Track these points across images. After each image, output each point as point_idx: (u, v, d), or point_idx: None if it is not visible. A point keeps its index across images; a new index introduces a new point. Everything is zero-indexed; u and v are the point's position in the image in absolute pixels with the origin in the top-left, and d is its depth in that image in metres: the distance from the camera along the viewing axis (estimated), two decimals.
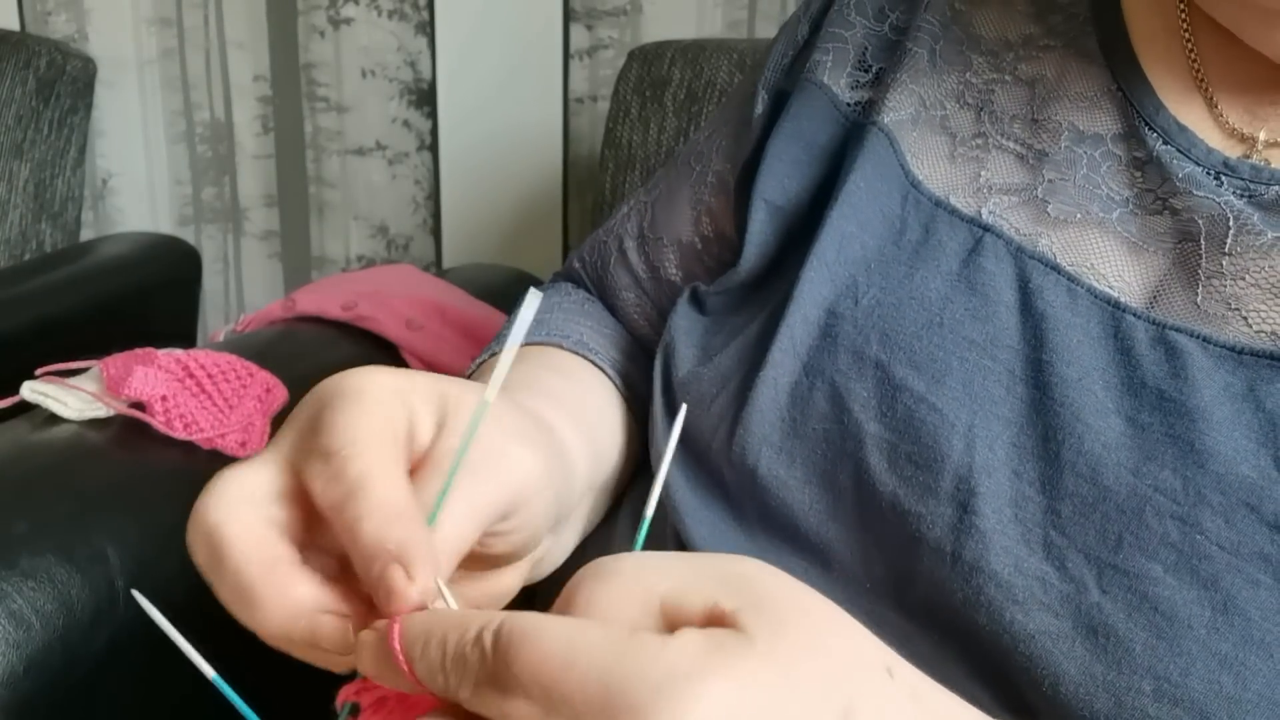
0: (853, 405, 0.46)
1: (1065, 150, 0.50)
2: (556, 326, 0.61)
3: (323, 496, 0.34)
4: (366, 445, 0.34)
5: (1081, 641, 0.40)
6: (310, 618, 0.33)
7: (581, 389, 0.56)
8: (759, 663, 0.26)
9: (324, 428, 0.35)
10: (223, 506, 0.34)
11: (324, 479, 0.34)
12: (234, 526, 0.34)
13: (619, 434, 0.57)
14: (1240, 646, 0.39)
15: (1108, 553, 0.41)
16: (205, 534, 0.34)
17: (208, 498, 0.35)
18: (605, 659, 0.26)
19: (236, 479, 0.35)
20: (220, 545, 0.33)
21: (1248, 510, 0.40)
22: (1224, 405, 0.42)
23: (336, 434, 0.34)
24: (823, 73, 0.56)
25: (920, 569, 0.44)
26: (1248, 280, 0.44)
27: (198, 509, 0.34)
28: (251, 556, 0.33)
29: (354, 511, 0.33)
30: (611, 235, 0.66)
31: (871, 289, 0.48)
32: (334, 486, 0.33)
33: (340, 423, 0.35)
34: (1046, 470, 0.43)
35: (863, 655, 0.29)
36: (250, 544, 0.34)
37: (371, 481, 0.33)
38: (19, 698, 0.58)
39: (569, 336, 0.60)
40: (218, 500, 0.34)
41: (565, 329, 0.61)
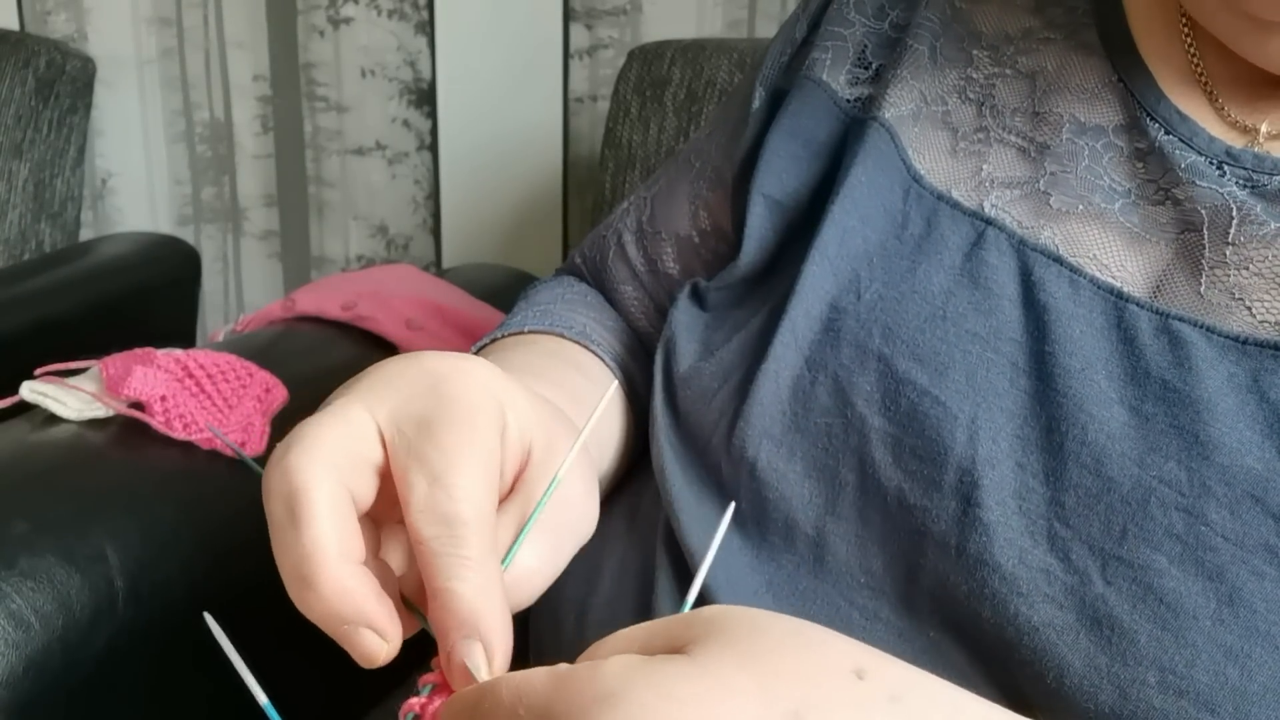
0: (856, 399, 0.46)
1: (1067, 142, 0.50)
2: (559, 316, 0.61)
3: (420, 524, 0.33)
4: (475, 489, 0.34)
5: (1086, 633, 0.40)
6: (353, 627, 0.33)
7: (584, 378, 0.56)
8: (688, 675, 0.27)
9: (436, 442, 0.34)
10: (311, 467, 0.33)
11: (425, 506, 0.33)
12: (321, 496, 0.33)
13: (617, 426, 0.57)
14: (1245, 638, 0.39)
15: (1112, 544, 0.41)
16: (289, 492, 0.33)
17: (298, 452, 0.34)
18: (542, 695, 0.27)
19: (329, 437, 0.34)
20: (301, 511, 0.33)
21: (1253, 502, 0.40)
22: (1228, 396, 0.42)
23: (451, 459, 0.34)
24: (821, 70, 0.56)
25: (924, 563, 0.44)
26: (1251, 270, 0.44)
27: (285, 458, 0.33)
28: (328, 539, 0.33)
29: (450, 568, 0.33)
30: (611, 230, 0.67)
31: (874, 283, 0.48)
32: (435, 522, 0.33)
33: (454, 443, 0.34)
34: (1050, 462, 0.43)
35: (824, 661, 0.28)
36: (331, 523, 0.33)
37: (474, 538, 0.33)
38: (19, 698, 0.58)
39: (571, 327, 0.60)
40: (308, 457, 0.33)
41: (568, 319, 0.61)
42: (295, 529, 0.33)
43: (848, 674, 0.28)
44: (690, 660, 0.27)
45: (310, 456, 0.33)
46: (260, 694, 0.31)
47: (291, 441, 0.34)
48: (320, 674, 0.78)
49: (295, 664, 0.77)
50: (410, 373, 0.36)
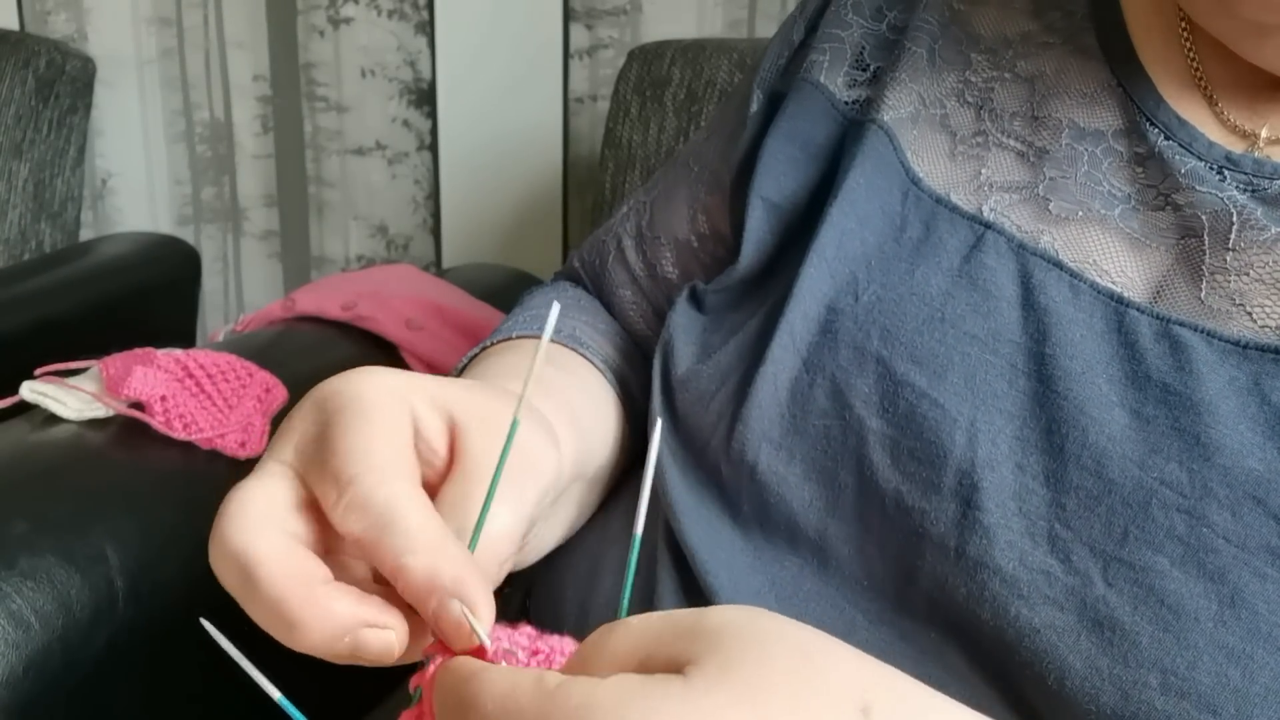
0: (854, 401, 0.46)
1: (1066, 147, 0.50)
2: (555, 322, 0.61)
3: (347, 525, 0.33)
4: (384, 471, 0.33)
5: (1087, 635, 0.40)
6: (353, 634, 0.33)
7: (570, 379, 0.56)
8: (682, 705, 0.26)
9: (332, 448, 0.34)
10: (246, 527, 0.33)
11: (343, 507, 0.33)
12: (262, 547, 0.33)
13: (610, 426, 0.57)
14: (1247, 639, 0.39)
15: (1113, 546, 0.41)
16: (233, 557, 0.33)
17: (227, 520, 0.34)
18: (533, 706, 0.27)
19: (251, 497, 0.34)
20: (251, 568, 0.33)
21: (1254, 503, 0.40)
22: (1229, 399, 0.42)
23: (348, 457, 0.34)
24: (819, 72, 0.56)
25: (923, 565, 0.44)
26: (1251, 275, 0.44)
27: (219, 532, 0.34)
28: (286, 577, 0.33)
29: (393, 547, 0.32)
30: (610, 234, 0.67)
31: (872, 285, 0.48)
32: (358, 517, 0.33)
33: (348, 444, 0.34)
34: (1050, 464, 0.43)
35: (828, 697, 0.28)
36: (282, 564, 0.33)
37: (401, 512, 0.33)
38: (19, 698, 0.58)
39: (561, 331, 0.60)
40: (239, 521, 0.34)
41: (559, 324, 0.60)
42: (255, 585, 0.33)
43: (854, 710, 0.28)
44: (687, 686, 0.27)
45: (240, 519, 0.34)
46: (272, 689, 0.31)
47: (218, 516, 0.34)
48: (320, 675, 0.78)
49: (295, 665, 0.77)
50: (304, 407, 0.37)
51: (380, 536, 0.32)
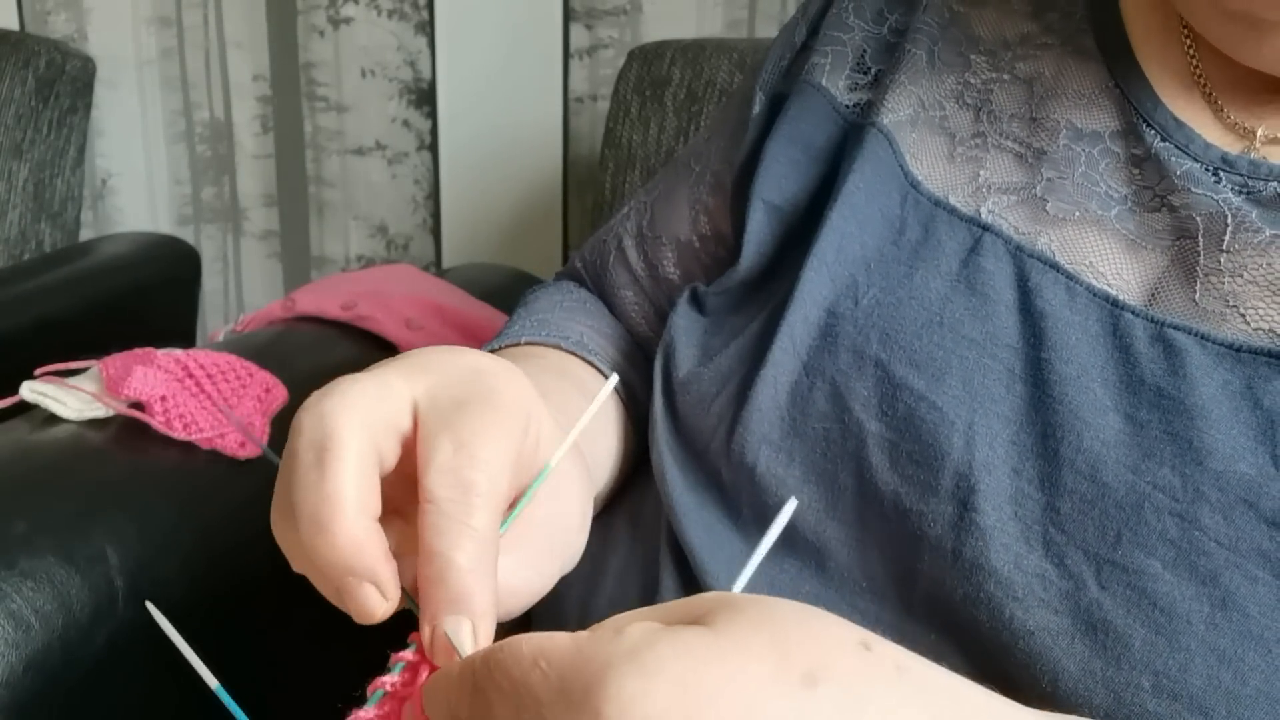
0: (853, 404, 0.46)
1: (1064, 148, 0.50)
2: (556, 326, 0.61)
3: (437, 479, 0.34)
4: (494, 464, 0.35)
5: (1081, 638, 0.41)
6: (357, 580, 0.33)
7: (577, 388, 0.56)
8: (707, 639, 0.27)
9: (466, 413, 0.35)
10: (349, 419, 0.34)
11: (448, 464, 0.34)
12: (349, 446, 0.34)
13: (616, 436, 0.57)
14: (1239, 642, 0.39)
15: (1107, 549, 0.41)
16: (320, 437, 0.34)
17: (334, 401, 0.34)
18: (564, 654, 0.27)
19: (369, 395, 0.35)
20: (329, 458, 0.33)
21: (1246, 507, 0.40)
22: (1222, 403, 0.42)
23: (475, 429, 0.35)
24: (821, 75, 0.56)
25: (921, 567, 0.44)
26: (1245, 278, 0.45)
27: (322, 407, 0.34)
28: (351, 488, 0.33)
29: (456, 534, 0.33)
30: (611, 235, 0.67)
31: (871, 289, 0.48)
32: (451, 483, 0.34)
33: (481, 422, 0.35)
34: (1045, 468, 0.43)
35: (833, 633, 0.29)
36: (356, 476, 0.34)
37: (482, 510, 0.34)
38: (19, 698, 0.58)
39: (568, 337, 0.60)
40: (344, 409, 0.34)
41: (565, 329, 0.61)
42: (321, 473, 0.33)
43: (856, 645, 0.29)
44: (708, 628, 0.28)
45: (346, 406, 0.34)
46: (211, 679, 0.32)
47: (329, 390, 0.35)
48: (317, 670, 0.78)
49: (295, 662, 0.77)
50: (453, 360, 0.38)
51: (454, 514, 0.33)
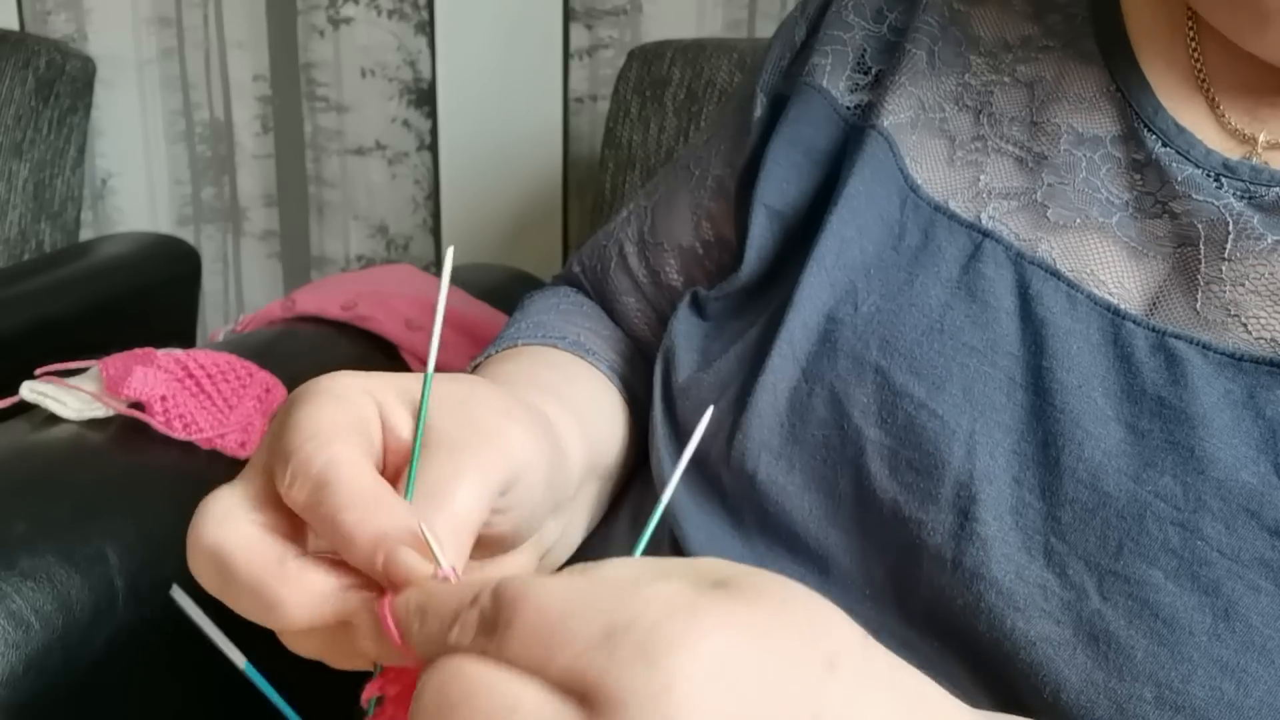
0: (852, 411, 0.46)
1: (1064, 153, 0.49)
2: (553, 328, 0.60)
3: (292, 496, 0.33)
4: (328, 438, 0.34)
5: (1083, 648, 0.40)
6: (336, 597, 0.33)
7: (574, 381, 0.56)
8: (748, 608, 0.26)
9: (286, 428, 0.35)
10: (214, 524, 0.34)
11: (289, 478, 0.33)
12: (232, 538, 0.33)
13: (617, 424, 0.57)
14: (1242, 653, 0.39)
15: (1108, 559, 0.41)
16: (207, 554, 0.34)
17: (198, 522, 0.34)
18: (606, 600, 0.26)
19: (220, 497, 0.35)
20: (224, 558, 0.33)
21: (1248, 516, 0.40)
22: (1224, 412, 0.42)
23: (297, 432, 0.34)
24: (821, 76, 0.55)
25: (921, 576, 0.44)
26: (1247, 286, 0.44)
27: (193, 535, 0.34)
28: (258, 559, 0.33)
29: (329, 506, 0.32)
30: (611, 239, 0.66)
31: (871, 295, 0.48)
32: (300, 485, 0.33)
33: (300, 421, 0.34)
34: (1046, 477, 0.43)
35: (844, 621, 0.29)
36: (253, 549, 0.33)
37: (338, 473, 0.33)
38: (19, 698, 0.58)
39: (565, 338, 0.59)
40: (207, 520, 0.34)
41: (562, 330, 0.60)
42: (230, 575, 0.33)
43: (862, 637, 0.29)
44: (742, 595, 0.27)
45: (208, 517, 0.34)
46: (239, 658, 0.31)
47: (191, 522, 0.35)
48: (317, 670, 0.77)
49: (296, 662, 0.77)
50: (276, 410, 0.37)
51: (320, 498, 0.32)
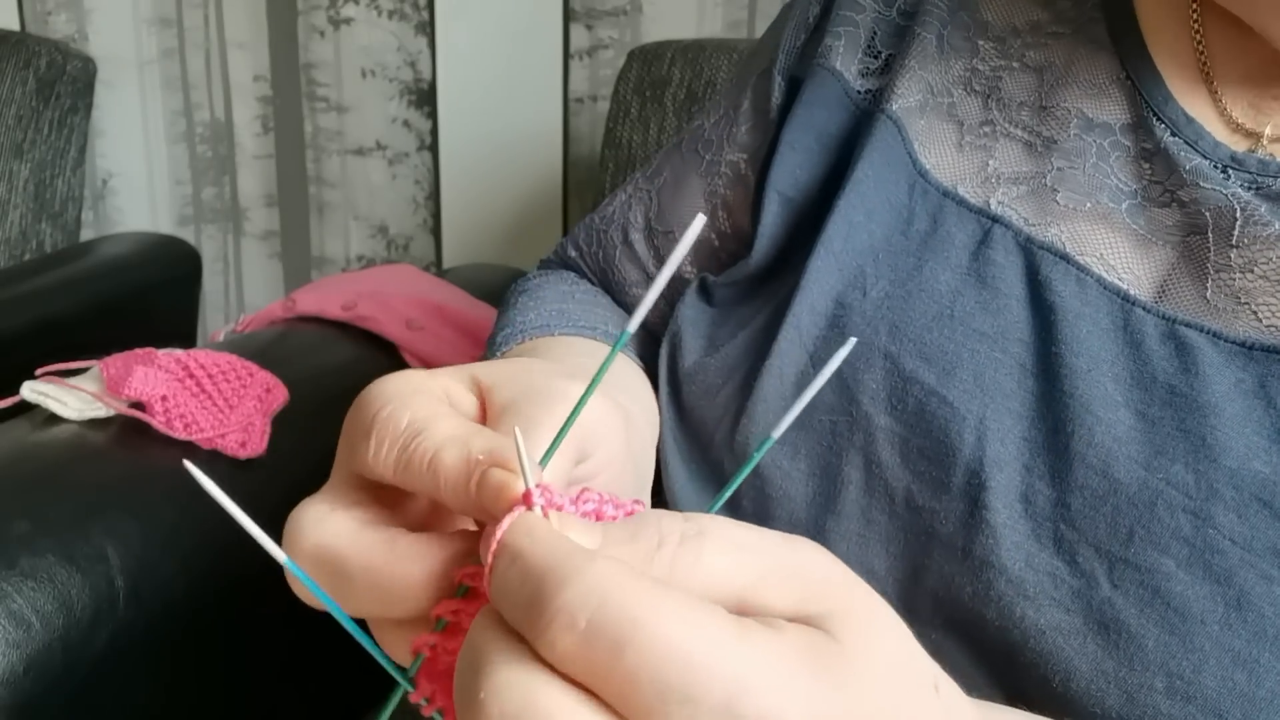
0: (861, 397, 0.46)
1: (1074, 138, 0.49)
2: (579, 317, 0.59)
3: (382, 461, 0.31)
4: (407, 399, 0.31)
5: (1093, 637, 0.40)
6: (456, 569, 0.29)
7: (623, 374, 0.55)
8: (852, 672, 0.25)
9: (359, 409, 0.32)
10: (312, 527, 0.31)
11: (375, 446, 0.31)
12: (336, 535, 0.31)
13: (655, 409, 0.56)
14: (1254, 643, 0.38)
15: (1119, 546, 0.41)
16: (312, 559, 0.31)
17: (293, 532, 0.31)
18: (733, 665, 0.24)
19: (308, 505, 0.32)
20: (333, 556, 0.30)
21: (1261, 505, 0.40)
22: (1235, 402, 0.42)
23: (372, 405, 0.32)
24: (835, 58, 0.55)
25: (930, 564, 0.44)
26: (1256, 273, 0.44)
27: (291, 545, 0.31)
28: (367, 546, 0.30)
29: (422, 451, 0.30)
30: (612, 225, 0.65)
31: (880, 280, 0.48)
32: (389, 445, 0.30)
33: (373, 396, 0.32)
34: (1056, 463, 0.43)
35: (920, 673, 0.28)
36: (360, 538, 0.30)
37: (425, 421, 0.30)
38: (19, 697, 0.58)
39: (595, 328, 0.59)
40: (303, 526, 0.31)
41: (588, 319, 0.59)
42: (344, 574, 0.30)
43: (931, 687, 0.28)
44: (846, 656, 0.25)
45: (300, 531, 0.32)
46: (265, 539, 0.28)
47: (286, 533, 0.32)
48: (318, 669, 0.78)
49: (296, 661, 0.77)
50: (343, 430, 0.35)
51: (411, 447, 0.30)
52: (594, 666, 0.24)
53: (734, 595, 0.26)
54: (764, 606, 0.26)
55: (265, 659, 0.72)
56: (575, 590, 0.24)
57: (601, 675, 0.24)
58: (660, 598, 0.24)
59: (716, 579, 0.26)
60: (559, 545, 0.25)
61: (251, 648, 0.71)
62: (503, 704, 0.24)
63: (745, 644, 0.24)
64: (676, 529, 0.27)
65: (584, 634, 0.24)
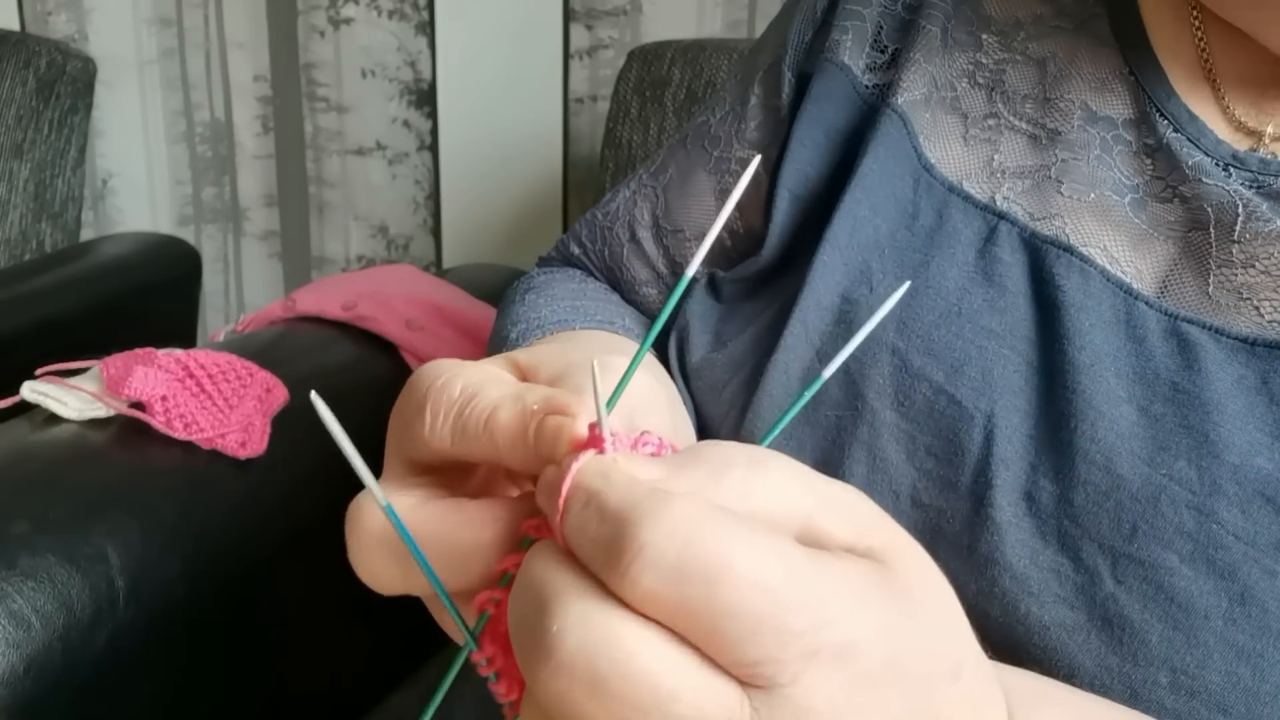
0: (868, 392, 0.46)
1: (1078, 130, 0.49)
2: (597, 312, 0.59)
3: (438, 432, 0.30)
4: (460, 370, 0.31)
5: (1097, 633, 0.40)
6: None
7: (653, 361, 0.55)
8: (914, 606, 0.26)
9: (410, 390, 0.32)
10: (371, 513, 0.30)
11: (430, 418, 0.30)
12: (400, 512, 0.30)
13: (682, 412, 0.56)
14: (1258, 638, 0.38)
15: (1122, 542, 0.41)
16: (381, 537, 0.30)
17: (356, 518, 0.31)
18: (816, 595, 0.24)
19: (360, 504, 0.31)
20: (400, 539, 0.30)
21: (1264, 501, 0.40)
22: (1238, 398, 0.42)
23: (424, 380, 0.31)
24: (843, 53, 0.55)
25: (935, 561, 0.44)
26: (1258, 269, 0.44)
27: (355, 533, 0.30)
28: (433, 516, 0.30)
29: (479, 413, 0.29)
30: (617, 221, 0.64)
31: (886, 276, 0.48)
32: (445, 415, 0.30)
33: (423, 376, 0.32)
34: (1060, 460, 0.43)
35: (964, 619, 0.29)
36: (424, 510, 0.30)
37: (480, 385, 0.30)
38: (19, 697, 0.58)
39: (614, 323, 0.58)
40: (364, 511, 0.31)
41: (607, 315, 0.59)
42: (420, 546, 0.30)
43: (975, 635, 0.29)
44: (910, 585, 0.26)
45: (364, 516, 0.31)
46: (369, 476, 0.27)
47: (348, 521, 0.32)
48: (322, 670, 0.78)
49: (297, 661, 0.77)
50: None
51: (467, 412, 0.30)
52: (684, 603, 0.24)
53: (799, 523, 0.27)
54: (825, 537, 0.27)
55: (265, 658, 0.72)
56: (661, 528, 0.24)
57: (691, 611, 0.24)
58: (745, 532, 0.24)
59: (782, 506, 0.26)
60: (635, 484, 0.25)
61: (251, 647, 0.71)
62: (581, 636, 0.24)
63: (825, 574, 0.25)
64: (741, 455, 0.27)
65: (673, 570, 0.24)
